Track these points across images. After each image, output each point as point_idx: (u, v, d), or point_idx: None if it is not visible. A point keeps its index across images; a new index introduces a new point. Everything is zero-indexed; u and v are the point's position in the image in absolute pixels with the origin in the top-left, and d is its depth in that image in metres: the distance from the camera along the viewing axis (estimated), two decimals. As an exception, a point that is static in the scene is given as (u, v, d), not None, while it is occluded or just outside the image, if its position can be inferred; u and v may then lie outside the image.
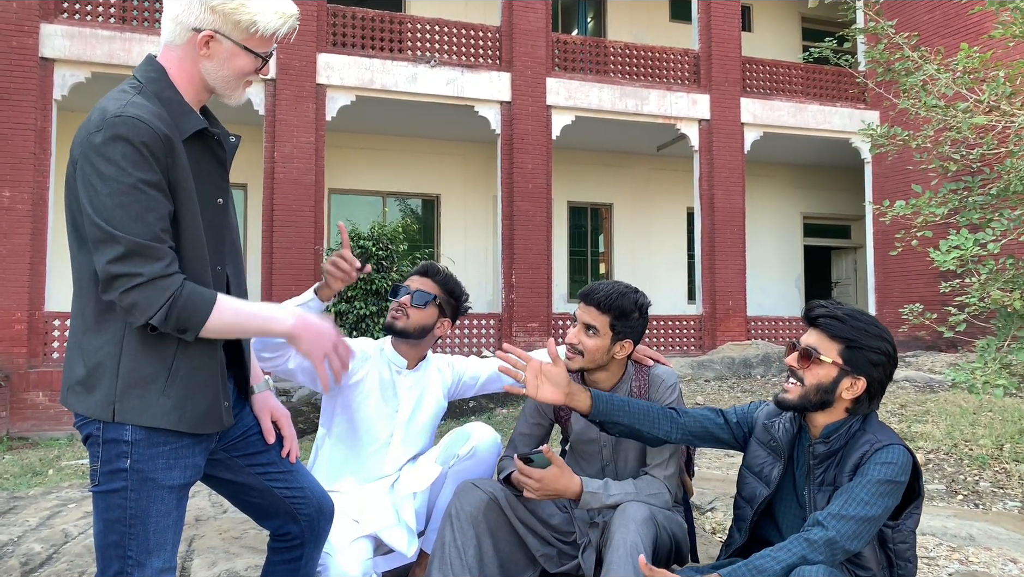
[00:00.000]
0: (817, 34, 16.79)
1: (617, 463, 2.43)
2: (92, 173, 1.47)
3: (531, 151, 12.31)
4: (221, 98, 1.69)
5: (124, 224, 1.45)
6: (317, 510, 1.87)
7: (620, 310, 2.31)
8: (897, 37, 4.54)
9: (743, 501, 2.06)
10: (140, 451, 1.52)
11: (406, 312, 2.58)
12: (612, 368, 2.40)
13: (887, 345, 1.90)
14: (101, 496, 1.54)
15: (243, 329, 1.60)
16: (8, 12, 9.80)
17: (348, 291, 7.38)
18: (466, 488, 2.32)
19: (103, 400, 1.51)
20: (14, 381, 9.50)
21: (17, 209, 9.70)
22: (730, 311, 13.32)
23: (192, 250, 1.57)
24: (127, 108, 1.49)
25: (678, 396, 2.41)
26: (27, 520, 3.68)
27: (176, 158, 1.53)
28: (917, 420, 6.43)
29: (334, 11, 11.62)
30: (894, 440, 1.87)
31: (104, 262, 1.45)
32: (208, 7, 1.57)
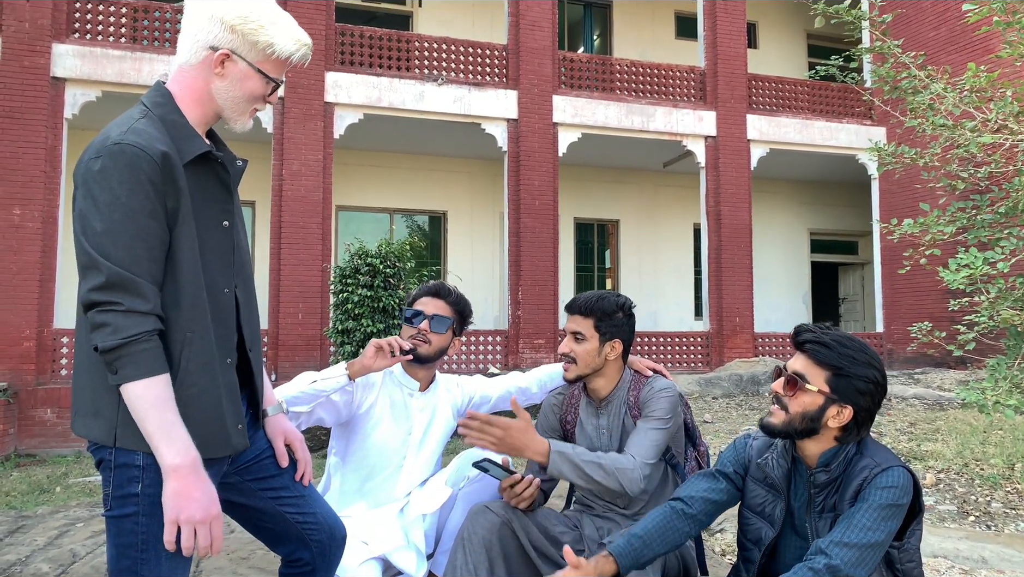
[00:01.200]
0: (823, 51, 16.84)
1: None
2: (86, 199, 1.47)
3: (538, 168, 12.35)
4: (227, 123, 1.69)
5: (111, 252, 1.45)
6: (329, 536, 1.85)
7: (602, 311, 2.40)
8: (904, 56, 4.55)
9: (749, 543, 2.02)
10: (151, 476, 1.51)
11: (426, 338, 2.59)
12: (608, 373, 2.45)
13: (875, 373, 1.85)
14: (113, 521, 1.53)
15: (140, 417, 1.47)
16: (21, 32, 9.92)
17: (355, 309, 7.39)
18: (479, 511, 2.31)
19: (106, 425, 1.51)
20: (22, 398, 9.52)
21: (27, 227, 9.76)
22: (737, 328, 13.29)
23: (189, 273, 1.56)
24: (127, 135, 1.50)
25: (666, 399, 2.37)
26: (35, 540, 3.68)
27: (176, 182, 1.53)
28: (927, 438, 6.39)
29: (342, 30, 11.72)
30: (893, 462, 1.84)
31: (86, 289, 1.46)
32: (228, 26, 1.59)
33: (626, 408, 2.45)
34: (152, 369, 1.47)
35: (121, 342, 1.44)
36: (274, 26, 1.62)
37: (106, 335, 1.44)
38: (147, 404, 1.46)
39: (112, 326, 1.44)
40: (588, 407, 2.51)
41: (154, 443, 1.47)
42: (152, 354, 1.47)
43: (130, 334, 1.45)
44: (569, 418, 2.55)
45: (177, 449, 1.48)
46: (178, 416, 1.50)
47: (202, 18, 1.60)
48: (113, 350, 1.44)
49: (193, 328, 1.57)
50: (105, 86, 10.37)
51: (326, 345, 10.82)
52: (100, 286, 1.45)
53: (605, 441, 2.45)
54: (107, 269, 1.45)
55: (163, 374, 1.49)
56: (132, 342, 1.45)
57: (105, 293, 1.44)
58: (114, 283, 1.45)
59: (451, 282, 2.90)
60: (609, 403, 2.47)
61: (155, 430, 1.47)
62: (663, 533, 1.97)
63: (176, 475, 1.47)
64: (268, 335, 11.05)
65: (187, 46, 1.62)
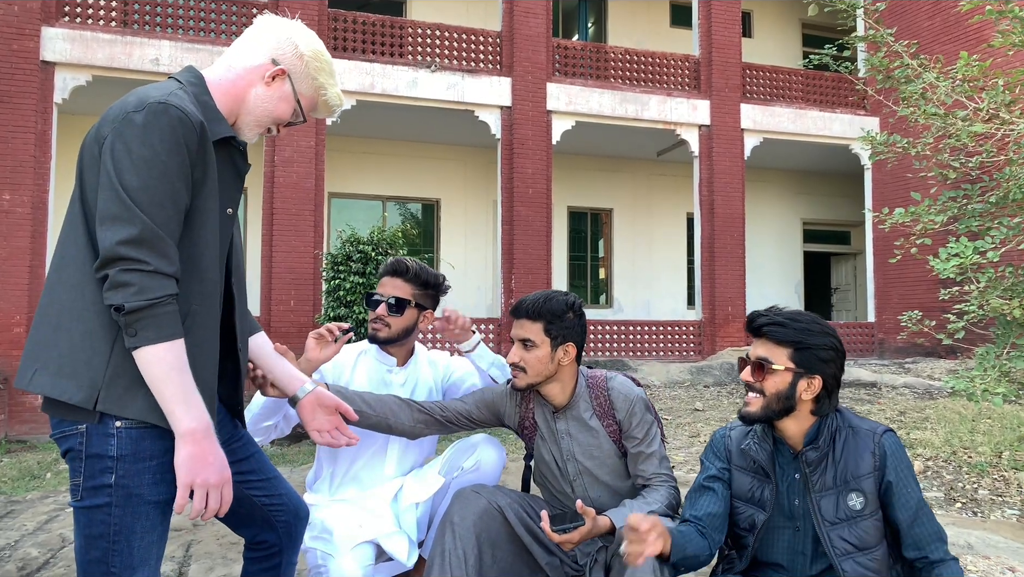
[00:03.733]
0: (817, 40, 16.82)
1: (585, 475, 2.37)
2: (124, 150, 1.46)
3: (531, 156, 12.32)
4: (239, 130, 1.73)
5: (145, 206, 1.44)
6: (294, 516, 1.87)
7: (551, 313, 2.27)
8: (897, 45, 4.55)
9: (742, 531, 2.04)
10: (126, 466, 1.48)
11: (385, 322, 2.55)
12: (563, 378, 2.34)
13: (833, 340, 1.94)
14: (83, 511, 1.50)
15: (159, 381, 1.45)
16: (9, 15, 9.81)
17: (348, 296, 7.37)
18: (466, 495, 2.30)
19: (86, 386, 1.45)
20: (12, 384, 9.49)
21: (17, 212, 9.69)
22: (729, 316, 13.32)
23: (204, 246, 1.57)
24: (171, 97, 1.51)
25: (644, 408, 2.31)
26: (24, 524, 3.68)
27: (207, 155, 1.55)
28: (916, 427, 6.43)
29: (335, 15, 11.65)
30: (882, 426, 1.98)
31: (114, 241, 1.42)
32: (299, 53, 1.70)
33: (594, 416, 2.35)
34: (174, 332, 1.46)
35: (147, 303, 1.42)
36: (332, 76, 1.76)
37: (130, 295, 1.41)
38: (168, 367, 1.45)
39: (137, 286, 1.42)
40: (543, 412, 2.41)
41: (171, 407, 1.46)
42: (174, 317, 1.47)
43: (156, 296, 1.43)
44: (528, 421, 2.45)
45: (194, 414, 1.48)
46: (193, 381, 1.49)
47: (279, 34, 1.70)
48: (137, 311, 1.42)
49: (200, 302, 1.57)
50: (95, 70, 10.28)
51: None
52: (132, 240, 1.42)
53: (567, 446, 2.36)
54: (141, 223, 1.43)
55: (182, 338, 1.48)
56: (157, 304, 1.43)
57: (135, 248, 1.42)
58: (146, 238, 1.43)
59: (443, 269, 2.86)
60: (569, 408, 2.37)
61: (174, 394, 1.46)
62: (693, 539, 1.97)
63: (192, 439, 1.48)
64: (260, 322, 11.01)
65: (250, 48, 1.70)
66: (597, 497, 2.35)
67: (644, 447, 2.30)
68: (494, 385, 2.55)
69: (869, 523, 1.90)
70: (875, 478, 1.91)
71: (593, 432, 2.34)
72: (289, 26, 1.72)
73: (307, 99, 1.74)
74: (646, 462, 2.30)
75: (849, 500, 1.90)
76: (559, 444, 2.38)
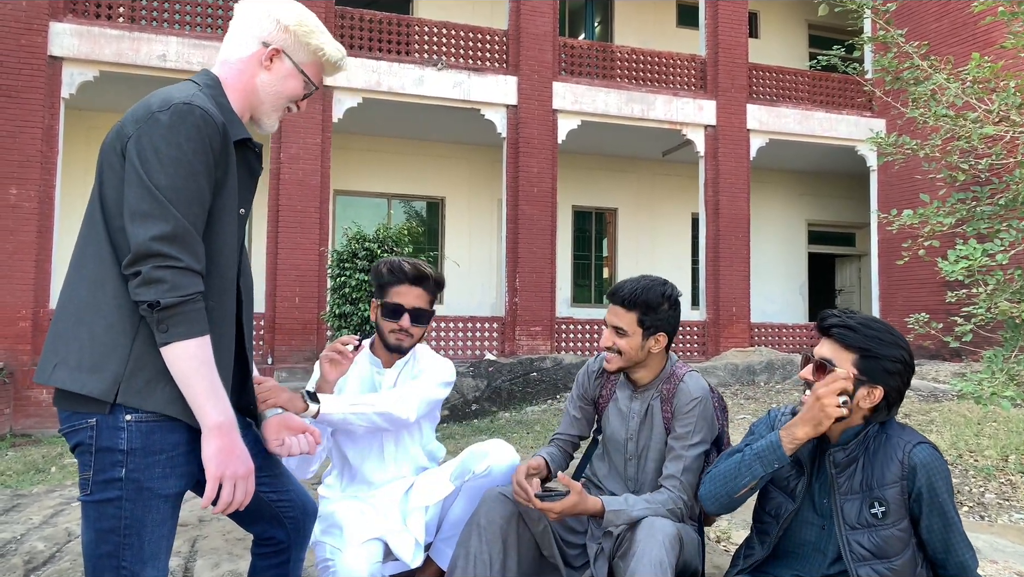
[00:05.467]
0: (824, 41, 16.78)
1: (640, 459, 2.42)
2: (151, 149, 1.48)
3: (537, 155, 12.31)
4: (258, 122, 1.76)
5: (176, 204, 1.46)
6: (302, 512, 1.87)
7: (646, 305, 2.28)
8: (907, 46, 4.53)
9: (768, 516, 2.03)
10: (136, 460, 1.48)
11: (409, 332, 2.53)
12: (651, 364, 2.38)
13: (903, 352, 1.88)
14: (93, 505, 1.49)
15: (189, 377, 1.47)
16: (18, 11, 9.83)
17: (353, 293, 7.37)
18: (495, 497, 2.31)
19: (109, 380, 1.46)
20: (18, 378, 9.51)
21: (24, 207, 9.71)
22: (734, 317, 13.31)
23: (223, 244, 1.59)
24: (195, 98, 1.53)
25: (700, 412, 2.32)
26: (30, 518, 3.68)
27: (228, 155, 1.57)
28: (922, 429, 6.42)
29: (342, 13, 11.65)
30: (919, 437, 1.90)
31: (147, 236, 1.43)
32: (283, 26, 1.70)
33: (658, 397, 2.40)
34: (203, 328, 1.49)
35: (180, 300, 1.44)
36: (324, 34, 1.76)
37: (164, 291, 1.43)
38: (198, 363, 1.47)
39: (170, 283, 1.44)
40: (624, 388, 2.47)
41: (200, 402, 1.48)
42: (202, 314, 1.49)
43: (188, 292, 1.45)
44: (603, 393, 2.52)
45: (221, 408, 1.51)
46: (216, 377, 1.52)
47: (258, 15, 1.70)
48: (170, 308, 1.44)
49: (217, 299, 1.58)
50: (103, 66, 10.29)
51: (322, 329, 10.81)
52: (166, 236, 1.44)
53: (633, 425, 2.42)
54: (175, 219, 1.45)
55: (208, 335, 1.50)
56: (188, 300, 1.46)
57: (168, 245, 1.44)
58: (179, 235, 1.45)
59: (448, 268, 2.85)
60: (647, 389, 2.43)
61: (203, 389, 1.48)
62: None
63: (220, 432, 1.50)
64: (265, 319, 11.04)
65: (239, 39, 1.71)
66: (646, 481, 2.39)
67: (678, 443, 2.31)
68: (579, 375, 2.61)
69: (891, 532, 1.86)
70: (901, 488, 1.86)
71: (652, 414, 2.40)
72: (266, 3, 1.72)
73: (310, 66, 1.75)
74: (674, 461, 2.30)
75: (872, 508, 1.87)
76: (629, 421, 2.43)
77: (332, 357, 2.37)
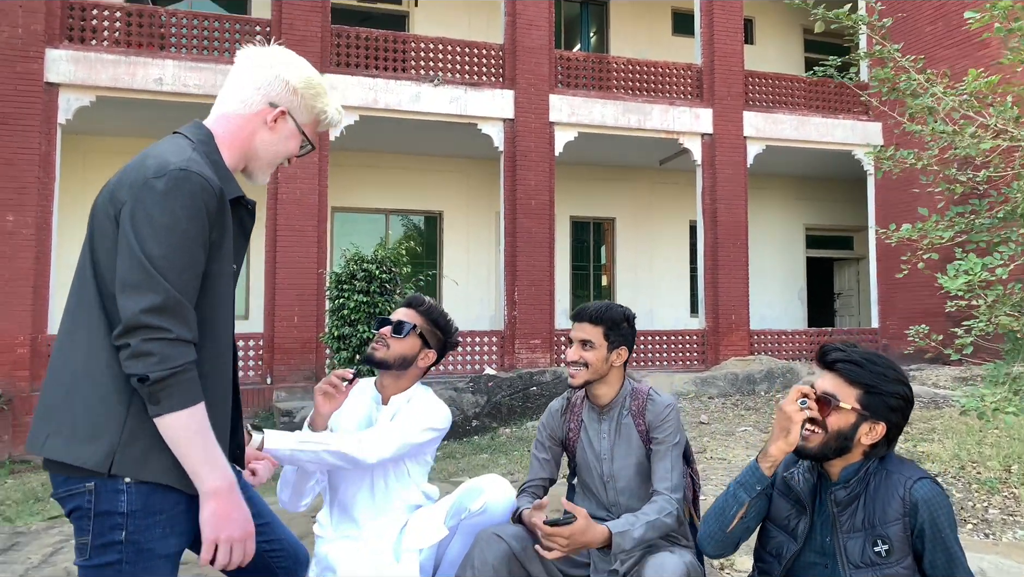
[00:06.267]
0: (820, 46, 16.81)
1: (616, 479, 2.51)
2: (145, 218, 1.46)
3: (534, 168, 12.32)
4: (251, 175, 1.75)
5: (167, 273, 1.44)
6: (294, 561, 1.86)
7: (611, 320, 2.53)
8: (904, 60, 4.53)
9: (769, 556, 2.01)
10: (136, 522, 1.47)
11: (386, 342, 2.57)
12: (611, 380, 2.55)
13: (905, 389, 1.89)
14: (92, 569, 1.48)
15: (183, 446, 1.46)
16: (14, 38, 9.84)
17: (352, 315, 7.36)
18: (488, 538, 2.31)
19: (105, 449, 1.44)
20: (16, 405, 9.49)
21: (21, 233, 9.70)
22: (733, 325, 13.28)
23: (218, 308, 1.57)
24: (191, 163, 1.51)
25: (675, 417, 2.48)
26: (29, 557, 3.66)
27: (224, 218, 1.56)
28: (923, 438, 6.38)
29: (338, 31, 11.67)
30: (920, 473, 1.88)
31: (137, 309, 1.42)
32: (292, 88, 1.70)
33: (628, 415, 2.53)
34: (196, 397, 1.47)
35: (169, 372, 1.43)
36: (327, 96, 1.77)
37: (152, 364, 1.42)
38: (192, 432, 1.46)
39: (159, 356, 1.42)
40: (591, 412, 2.60)
41: (195, 469, 1.48)
42: (194, 382, 1.47)
43: (177, 364, 1.44)
44: (572, 426, 2.63)
45: (219, 473, 1.50)
46: (215, 439, 1.51)
47: (266, 74, 1.69)
48: (160, 381, 1.42)
49: (213, 363, 1.57)
50: (99, 91, 10.30)
51: (321, 349, 10.78)
52: (155, 308, 1.43)
53: (605, 445, 2.53)
54: (165, 291, 1.44)
55: (202, 401, 1.49)
56: (179, 372, 1.44)
57: (158, 317, 1.43)
58: (170, 307, 1.44)
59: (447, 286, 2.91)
60: (610, 408, 2.55)
61: (198, 457, 1.47)
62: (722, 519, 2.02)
63: (217, 497, 1.49)
64: (264, 338, 11.02)
65: (242, 94, 1.69)
66: (627, 502, 2.48)
67: (662, 447, 2.44)
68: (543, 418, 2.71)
69: (895, 571, 1.84)
70: (904, 525, 1.84)
71: (627, 431, 2.52)
72: (274, 61, 1.70)
73: (310, 127, 1.77)
74: (660, 463, 2.42)
75: (875, 546, 1.86)
76: (600, 443, 2.54)
77: (326, 390, 2.42)
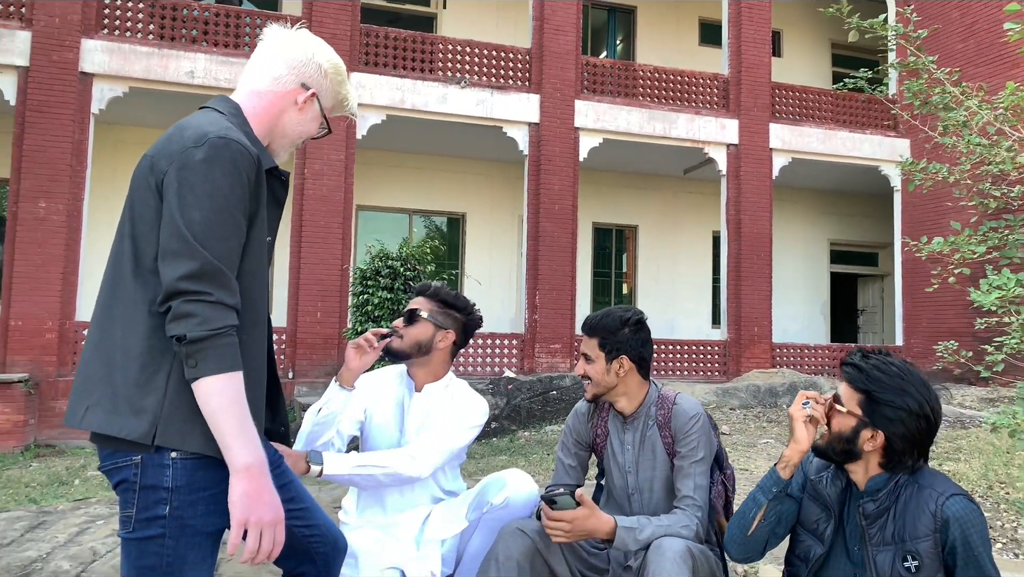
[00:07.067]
0: (847, 60, 16.72)
1: (642, 492, 2.45)
2: (186, 187, 1.46)
3: (558, 172, 12.33)
4: (274, 152, 1.76)
5: (207, 242, 1.44)
6: (333, 548, 1.84)
7: (605, 329, 2.41)
8: (939, 72, 4.49)
9: (797, 560, 2.01)
10: (180, 497, 1.47)
11: (399, 333, 2.60)
12: (628, 390, 2.45)
13: (910, 401, 1.82)
14: (135, 543, 1.48)
15: (217, 414, 1.44)
16: (51, 28, 10.01)
17: (375, 311, 7.40)
18: (512, 532, 2.30)
19: (148, 422, 1.44)
20: (43, 389, 9.61)
21: (52, 220, 9.85)
22: (755, 337, 13.20)
23: (253, 276, 1.57)
24: (230, 132, 1.52)
25: (700, 428, 2.37)
26: (56, 536, 3.70)
27: (260, 187, 1.56)
28: (949, 458, 6.31)
29: (367, 31, 11.76)
30: (953, 489, 1.83)
31: (175, 277, 1.42)
32: (323, 71, 1.74)
33: (654, 425, 2.44)
34: (234, 364, 1.44)
35: (208, 334, 1.41)
36: (348, 84, 1.82)
37: (193, 325, 1.41)
38: (227, 400, 1.43)
39: (200, 317, 1.41)
40: (615, 421, 2.53)
41: (228, 441, 1.44)
42: (234, 349, 1.45)
43: (217, 326, 1.42)
44: (599, 431, 2.56)
45: (250, 449, 1.45)
46: (250, 415, 1.47)
47: (301, 55, 1.72)
48: (198, 341, 1.41)
49: (250, 331, 1.56)
50: (132, 82, 10.45)
51: (343, 345, 10.84)
52: (191, 274, 1.42)
53: (630, 457, 2.46)
54: (201, 257, 1.43)
55: (240, 371, 1.46)
56: (218, 335, 1.42)
57: (195, 282, 1.42)
58: (206, 272, 1.43)
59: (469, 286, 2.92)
60: (635, 419, 2.47)
61: (232, 428, 1.43)
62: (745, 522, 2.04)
63: (248, 475, 1.45)
64: (286, 333, 11.09)
65: (275, 73, 1.71)
66: (652, 514, 2.39)
67: (685, 463, 2.35)
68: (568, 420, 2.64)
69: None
70: (934, 541, 1.81)
71: (652, 443, 2.43)
72: (307, 44, 1.73)
73: (330, 111, 1.80)
74: (684, 480, 2.33)
75: (904, 561, 1.83)
76: (624, 455, 2.47)
77: (359, 344, 2.44)
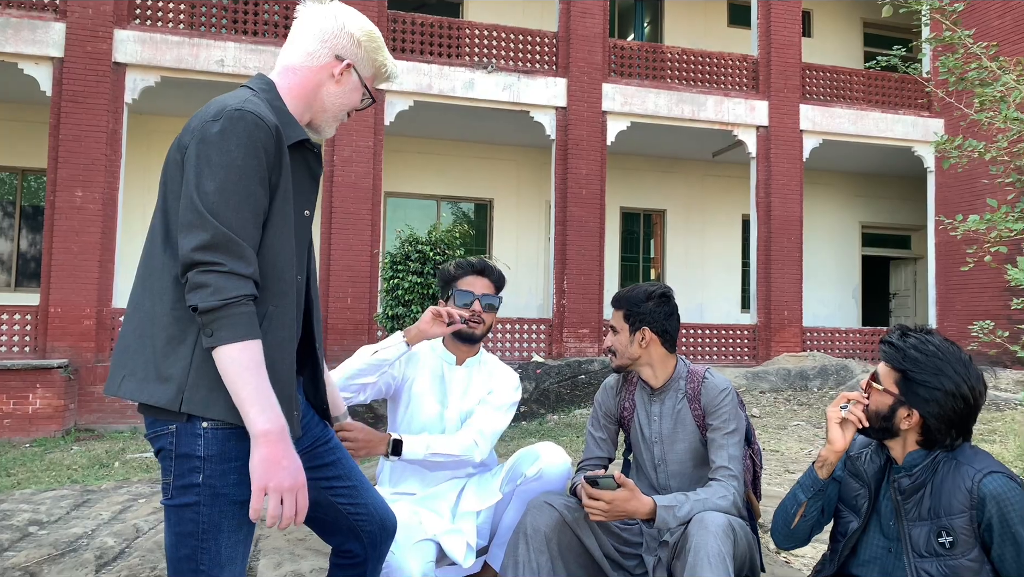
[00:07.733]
0: (879, 39, 16.41)
1: (668, 462, 2.47)
2: (202, 159, 1.49)
3: (586, 157, 12.28)
4: (318, 128, 1.78)
5: (220, 212, 1.47)
6: (380, 527, 1.86)
7: (630, 301, 2.49)
8: (976, 47, 4.41)
9: (840, 536, 2.03)
10: (212, 466, 1.51)
11: (481, 319, 2.61)
12: (653, 362, 2.49)
13: (946, 382, 1.81)
14: (174, 510, 1.53)
15: (235, 381, 1.46)
16: (84, 19, 10.17)
17: (406, 295, 7.45)
18: (540, 505, 2.32)
19: (174, 389, 1.49)
20: (82, 375, 9.83)
21: (88, 208, 10.04)
22: (785, 321, 13.09)
23: (280, 248, 1.58)
24: (247, 104, 1.54)
25: (731, 402, 2.41)
26: (100, 514, 3.80)
27: (282, 158, 1.58)
28: (984, 440, 6.24)
29: (394, 17, 11.78)
30: (993, 466, 1.80)
31: (189, 248, 1.45)
32: (356, 41, 1.73)
33: (684, 399, 2.46)
34: (249, 332, 1.47)
35: (221, 303, 1.44)
36: (384, 48, 1.80)
37: (206, 295, 1.44)
38: (242, 367, 1.45)
39: (213, 287, 1.44)
40: (642, 393, 2.55)
41: (245, 408, 1.46)
42: (249, 318, 1.48)
43: (230, 296, 1.45)
44: (627, 405, 2.58)
45: (269, 415, 1.47)
46: (269, 383, 1.49)
47: (332, 27, 1.71)
48: (212, 311, 1.44)
49: (277, 303, 1.58)
50: (164, 71, 10.59)
51: (374, 329, 10.95)
52: (204, 245, 1.45)
53: (656, 429, 2.48)
54: (213, 228, 1.46)
55: (258, 339, 1.49)
56: (232, 304, 1.45)
57: (208, 253, 1.45)
58: (218, 243, 1.46)
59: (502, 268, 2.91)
60: (663, 392, 2.50)
61: (249, 394, 1.46)
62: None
63: (266, 440, 1.47)
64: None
65: (308, 47, 1.72)
66: (678, 486, 2.44)
67: (718, 435, 2.38)
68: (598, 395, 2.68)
69: (959, 562, 1.80)
70: (970, 517, 1.79)
71: (681, 416, 2.46)
72: (337, 15, 1.72)
73: (371, 80, 1.79)
74: (718, 451, 2.35)
75: (939, 537, 1.82)
76: (651, 426, 2.50)
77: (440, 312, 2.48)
